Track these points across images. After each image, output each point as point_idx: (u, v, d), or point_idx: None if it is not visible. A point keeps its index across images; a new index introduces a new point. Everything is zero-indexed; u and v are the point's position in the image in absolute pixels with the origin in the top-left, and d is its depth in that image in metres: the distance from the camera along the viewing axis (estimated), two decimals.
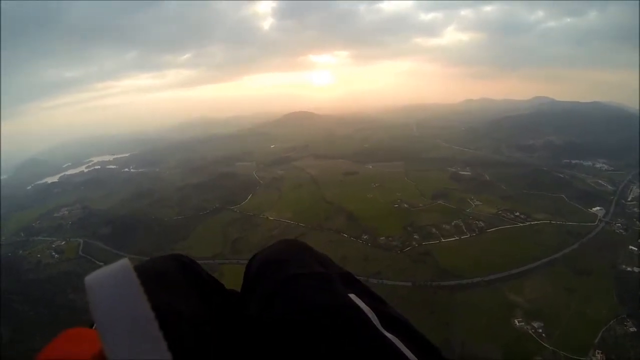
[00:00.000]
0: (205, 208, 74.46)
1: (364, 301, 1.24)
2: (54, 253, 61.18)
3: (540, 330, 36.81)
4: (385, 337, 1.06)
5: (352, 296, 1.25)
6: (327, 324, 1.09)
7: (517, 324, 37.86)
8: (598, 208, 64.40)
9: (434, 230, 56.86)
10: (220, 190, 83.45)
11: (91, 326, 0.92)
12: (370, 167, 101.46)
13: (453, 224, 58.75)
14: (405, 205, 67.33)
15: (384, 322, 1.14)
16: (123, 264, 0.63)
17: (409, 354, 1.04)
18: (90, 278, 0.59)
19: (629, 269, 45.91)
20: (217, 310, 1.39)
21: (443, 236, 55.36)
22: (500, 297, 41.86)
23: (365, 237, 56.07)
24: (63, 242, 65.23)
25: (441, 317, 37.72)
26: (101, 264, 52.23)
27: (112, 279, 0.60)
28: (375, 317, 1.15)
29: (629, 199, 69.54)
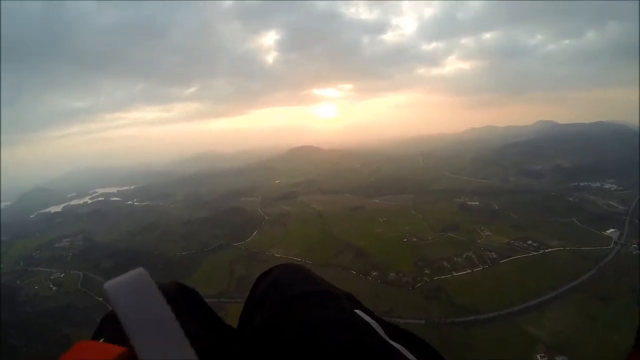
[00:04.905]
0: (210, 244, 73.61)
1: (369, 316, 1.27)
2: (52, 285, 59.60)
3: None
4: (392, 345, 1.06)
5: (358, 311, 1.27)
6: (333, 337, 1.09)
7: (540, 359, 36.17)
8: (612, 230, 62.95)
9: (445, 263, 55.82)
10: (225, 226, 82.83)
11: (97, 338, 1.06)
12: (377, 201, 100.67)
13: (464, 256, 57.70)
14: (415, 239, 66.42)
15: (390, 334, 1.15)
16: (140, 271, 0.65)
17: None
18: (110, 284, 0.61)
19: None
20: (214, 335, 1.43)
21: (455, 270, 54.24)
22: (520, 332, 40.17)
23: (374, 273, 55.06)
24: (62, 274, 63.70)
25: (459, 356, 36.33)
26: (100, 299, 51.58)
27: (133, 283, 0.62)
28: (382, 329, 1.16)
29: None
